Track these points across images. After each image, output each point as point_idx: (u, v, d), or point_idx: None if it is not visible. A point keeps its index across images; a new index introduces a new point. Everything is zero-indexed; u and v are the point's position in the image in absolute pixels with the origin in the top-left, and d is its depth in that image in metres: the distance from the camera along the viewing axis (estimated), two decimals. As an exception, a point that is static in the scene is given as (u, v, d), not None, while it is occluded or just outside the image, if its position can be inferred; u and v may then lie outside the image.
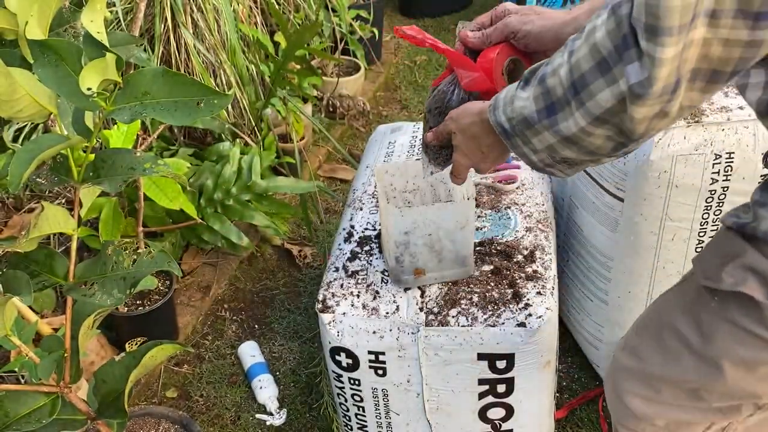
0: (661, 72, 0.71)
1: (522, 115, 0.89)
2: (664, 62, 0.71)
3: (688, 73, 0.73)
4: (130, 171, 0.97)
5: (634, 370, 1.02)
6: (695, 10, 0.68)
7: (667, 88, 0.73)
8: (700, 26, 0.70)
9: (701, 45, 0.71)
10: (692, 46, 0.71)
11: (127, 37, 1.15)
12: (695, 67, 0.73)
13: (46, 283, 1.03)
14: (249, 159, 2.36)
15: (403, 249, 1.46)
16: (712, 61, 0.72)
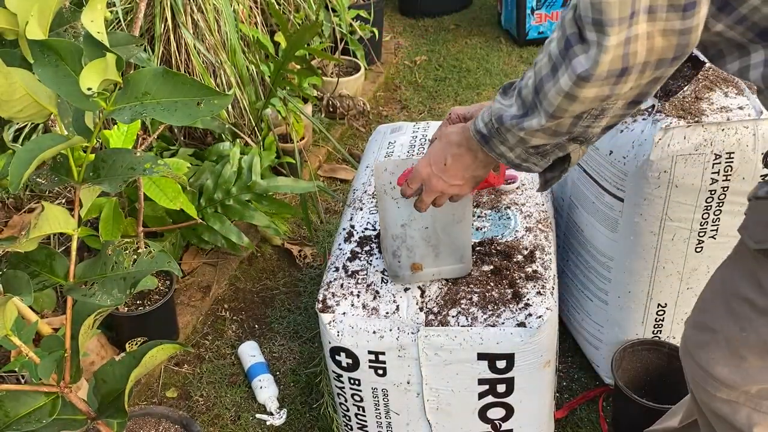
0: (605, 57, 0.85)
1: (498, 115, 1.04)
2: (608, 49, 0.84)
3: (639, 64, 0.86)
4: (130, 171, 0.97)
5: (712, 342, 1.05)
6: (633, 7, 0.81)
7: (612, 72, 0.86)
8: (642, 22, 0.83)
9: (646, 38, 0.84)
10: (638, 39, 0.84)
11: (128, 37, 1.15)
12: (645, 60, 0.86)
13: (47, 283, 1.03)
14: (249, 159, 2.36)
15: (400, 242, 1.46)
16: (656, 51, 0.85)
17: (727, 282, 1.05)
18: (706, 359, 1.06)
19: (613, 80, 0.88)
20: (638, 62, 0.86)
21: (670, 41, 0.84)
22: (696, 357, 1.06)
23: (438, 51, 4.10)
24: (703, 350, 1.06)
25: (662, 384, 1.91)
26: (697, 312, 1.08)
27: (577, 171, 1.86)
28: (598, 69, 0.86)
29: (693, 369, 1.07)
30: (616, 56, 0.85)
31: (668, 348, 1.87)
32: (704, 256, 1.74)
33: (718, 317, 1.04)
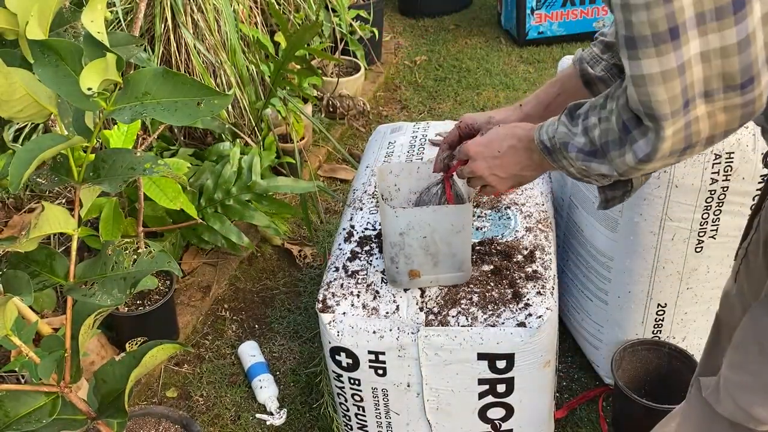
0: (665, 144, 0.87)
1: (564, 142, 1.04)
2: (666, 138, 0.86)
3: (703, 139, 0.88)
4: (130, 171, 0.97)
5: (749, 385, 1.06)
6: (686, 96, 0.83)
7: (675, 151, 0.89)
8: (700, 105, 0.84)
9: (707, 117, 0.85)
10: (699, 121, 0.85)
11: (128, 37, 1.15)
12: (709, 134, 0.87)
13: (47, 283, 1.03)
14: (249, 159, 2.36)
15: (398, 250, 1.45)
16: (720, 125, 0.86)
17: (759, 326, 1.05)
18: (745, 400, 1.06)
19: (677, 154, 0.90)
20: (702, 137, 0.88)
21: (733, 115, 0.85)
22: (736, 398, 1.07)
23: (438, 51, 4.10)
24: (742, 391, 1.06)
25: (662, 384, 1.91)
26: (733, 352, 1.08)
27: (577, 171, 1.86)
28: (659, 153, 0.89)
29: (733, 408, 1.08)
30: (677, 140, 0.87)
31: (668, 348, 1.87)
32: (704, 256, 1.74)
33: (753, 361, 1.05)
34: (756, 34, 0.80)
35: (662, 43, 0.80)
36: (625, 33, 0.83)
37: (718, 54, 0.81)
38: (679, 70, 0.81)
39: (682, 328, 1.89)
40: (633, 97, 0.86)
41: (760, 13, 0.80)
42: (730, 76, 0.82)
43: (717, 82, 0.83)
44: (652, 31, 0.80)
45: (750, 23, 0.79)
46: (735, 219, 1.67)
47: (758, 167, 1.59)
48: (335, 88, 3.34)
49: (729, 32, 0.79)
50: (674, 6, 0.78)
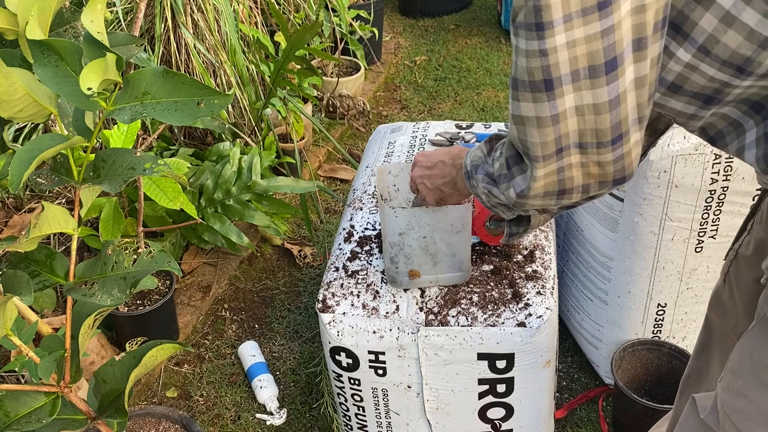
0: (536, 184, 0.93)
1: (475, 165, 1.12)
2: (538, 178, 0.92)
3: (578, 186, 0.93)
4: (130, 171, 0.97)
5: (748, 411, 1.06)
6: (560, 144, 0.87)
7: (549, 193, 0.94)
8: (574, 154, 0.89)
9: (581, 167, 0.90)
10: (572, 168, 0.90)
11: (128, 37, 1.15)
12: (583, 183, 0.92)
13: (47, 283, 1.03)
14: (249, 159, 2.36)
15: (398, 250, 1.45)
16: (593, 176, 0.91)
17: (755, 353, 1.05)
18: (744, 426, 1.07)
19: (554, 197, 0.96)
20: (576, 185, 0.93)
21: (605, 170, 0.90)
22: (736, 422, 1.07)
23: (438, 51, 4.10)
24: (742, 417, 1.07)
25: (662, 384, 1.91)
26: (731, 376, 1.09)
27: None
28: (532, 192, 0.95)
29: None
30: (550, 182, 0.93)
31: (668, 348, 1.87)
32: (704, 256, 1.74)
33: (751, 388, 1.05)
34: (626, 95, 0.84)
35: (537, 92, 0.84)
36: (512, 74, 0.87)
37: (591, 110, 0.84)
38: (553, 120, 0.85)
39: (682, 328, 1.89)
40: (513, 134, 0.91)
41: (633, 75, 0.83)
42: (601, 132, 0.86)
43: (590, 136, 0.86)
44: (529, 79, 0.83)
45: (621, 84, 0.82)
46: (735, 219, 1.67)
47: (758, 167, 1.59)
48: (335, 88, 3.34)
49: (600, 91, 0.83)
50: (550, 60, 0.81)
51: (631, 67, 0.83)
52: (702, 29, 0.84)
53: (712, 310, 1.27)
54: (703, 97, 0.92)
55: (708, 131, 0.99)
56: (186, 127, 2.60)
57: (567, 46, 0.80)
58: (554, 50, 0.80)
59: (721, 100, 0.91)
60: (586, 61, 0.81)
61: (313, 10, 2.97)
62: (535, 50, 0.81)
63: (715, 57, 0.85)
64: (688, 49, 0.87)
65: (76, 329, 1.04)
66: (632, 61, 0.82)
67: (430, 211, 1.39)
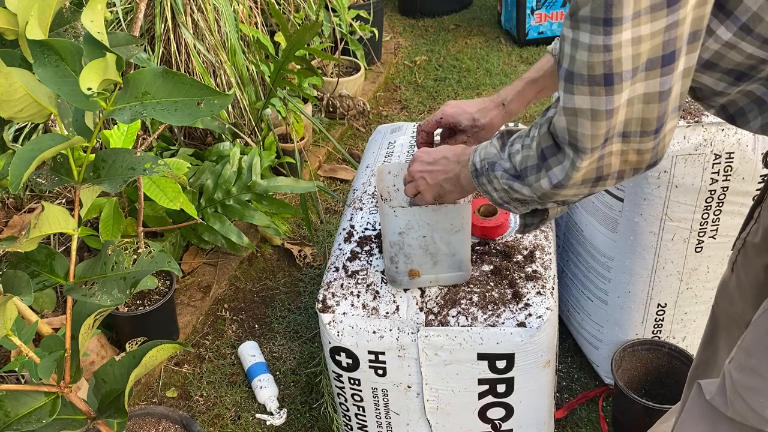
0: (578, 174, 0.94)
1: (492, 162, 1.10)
2: (581, 168, 0.93)
3: (614, 173, 0.94)
4: (130, 171, 0.97)
5: (761, 389, 1.06)
6: (607, 135, 0.88)
7: (587, 181, 0.95)
8: (616, 143, 0.89)
9: (620, 154, 0.91)
10: (612, 156, 0.91)
11: (128, 37, 1.15)
12: (619, 170, 0.94)
13: (47, 283, 1.03)
14: (249, 159, 2.36)
15: (398, 249, 1.45)
16: (630, 163, 0.93)
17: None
18: (757, 403, 1.07)
19: (590, 184, 0.97)
20: (612, 171, 0.94)
21: (643, 157, 0.92)
22: (748, 400, 1.07)
23: (438, 51, 4.10)
24: (754, 394, 1.07)
25: (662, 384, 1.91)
26: (744, 355, 1.09)
27: (577, 171, 1.87)
28: (572, 181, 0.96)
29: (745, 411, 1.08)
30: (590, 170, 0.93)
31: (668, 348, 1.87)
32: (704, 256, 1.74)
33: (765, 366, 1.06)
34: (674, 87, 0.85)
35: (596, 86, 0.84)
36: (566, 66, 0.86)
37: (641, 100, 0.85)
38: (608, 114, 0.85)
39: (682, 328, 1.89)
40: (561, 125, 0.91)
41: (683, 66, 0.84)
42: (647, 121, 0.87)
43: (635, 125, 0.87)
44: (589, 73, 0.83)
45: (674, 77, 0.84)
46: (735, 219, 1.67)
47: (758, 167, 1.59)
48: (335, 88, 3.34)
49: (653, 83, 0.84)
50: (613, 56, 0.81)
51: (683, 59, 0.83)
52: (747, 7, 0.84)
53: (719, 300, 1.27)
54: (736, 73, 0.92)
55: (728, 108, 0.99)
56: (186, 127, 2.60)
57: (632, 42, 0.80)
58: (619, 46, 0.80)
59: (753, 77, 0.91)
60: (647, 56, 0.81)
61: (313, 10, 2.97)
62: (600, 45, 0.81)
63: (756, 35, 0.86)
64: (730, 28, 0.87)
65: (76, 329, 1.04)
66: (686, 53, 0.83)
67: (429, 210, 1.39)
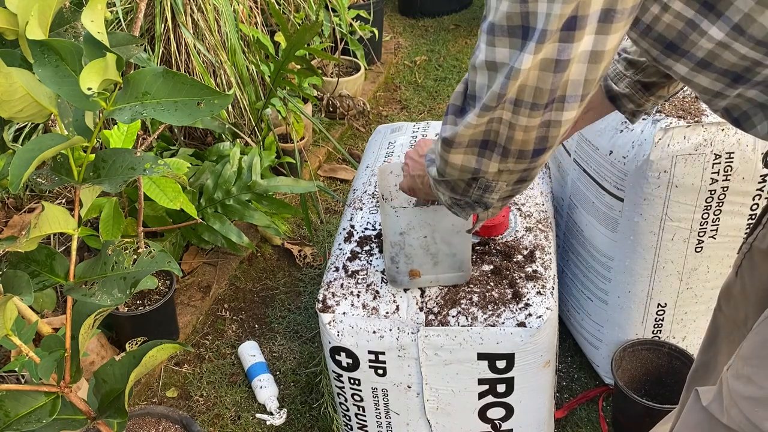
0: (466, 131, 0.94)
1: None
2: (471, 126, 0.93)
3: (499, 146, 0.95)
4: (130, 171, 0.97)
5: (757, 398, 1.06)
6: (503, 99, 0.88)
7: (473, 142, 0.96)
8: (507, 110, 0.89)
9: (508, 126, 0.91)
10: (501, 123, 0.91)
11: (128, 37, 1.15)
12: (504, 145, 0.94)
13: (47, 283, 1.03)
14: (249, 159, 2.36)
15: (399, 249, 1.45)
16: (517, 142, 0.92)
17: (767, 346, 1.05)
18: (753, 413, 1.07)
19: (476, 151, 0.97)
20: (499, 142, 0.94)
21: (529, 135, 0.91)
22: (743, 409, 1.07)
23: (438, 51, 4.10)
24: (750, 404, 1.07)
25: (662, 384, 1.91)
26: (741, 364, 1.09)
27: (577, 171, 1.87)
28: (458, 138, 0.96)
29: (740, 419, 1.08)
30: (477, 131, 0.94)
31: (668, 348, 1.87)
32: (704, 256, 1.74)
33: (763, 376, 1.05)
34: (573, 65, 0.84)
35: (514, 37, 0.84)
36: (490, 18, 0.86)
37: (538, 66, 0.84)
38: (512, 73, 0.85)
39: (682, 328, 1.89)
40: (472, 79, 0.91)
41: (589, 47, 0.83)
42: (540, 92, 0.86)
43: (528, 94, 0.87)
44: (508, 23, 0.84)
45: (574, 49, 0.83)
46: (735, 219, 1.67)
47: (758, 167, 1.59)
48: (335, 88, 3.34)
49: (552, 47, 0.83)
50: (529, 8, 0.81)
51: (588, 37, 0.83)
52: (737, 8, 0.84)
53: (722, 304, 1.27)
54: (732, 75, 0.91)
55: (732, 112, 0.98)
56: (186, 127, 2.60)
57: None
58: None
59: (750, 80, 0.90)
60: (557, 22, 0.81)
61: (313, 10, 2.97)
62: None
63: (749, 37, 0.85)
64: (722, 28, 0.86)
65: (76, 329, 1.04)
66: (593, 32, 0.82)
67: (431, 210, 1.39)
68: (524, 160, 0.96)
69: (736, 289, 1.22)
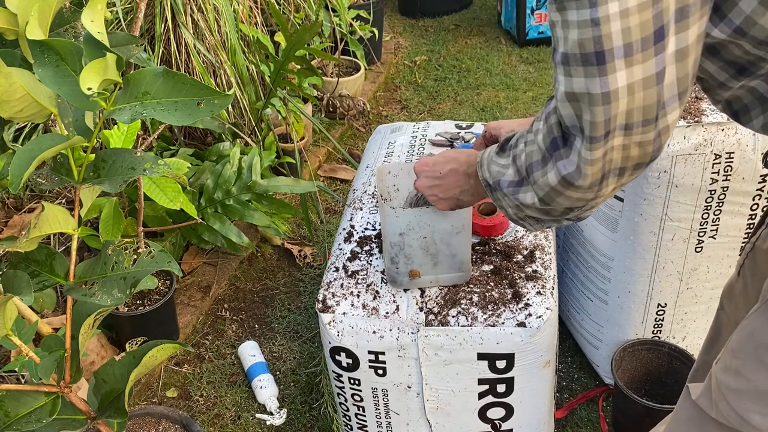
0: (592, 168, 0.90)
1: (497, 180, 1.08)
2: (592, 162, 0.90)
3: (615, 169, 0.91)
4: (130, 171, 0.97)
5: (745, 391, 1.06)
6: (608, 127, 0.86)
7: (594, 183, 0.93)
8: (618, 136, 0.87)
9: (621, 149, 0.89)
10: (614, 150, 0.89)
11: (128, 37, 1.15)
12: (621, 166, 0.91)
13: (47, 283, 1.03)
14: (249, 159, 2.36)
15: (398, 250, 1.45)
16: (633, 158, 0.90)
17: (758, 333, 1.05)
18: (740, 406, 1.07)
19: (596, 188, 0.94)
20: (614, 168, 0.91)
21: (645, 150, 0.90)
22: (731, 402, 1.08)
23: (438, 51, 4.10)
24: (738, 396, 1.07)
25: (662, 384, 1.91)
26: (729, 357, 1.09)
27: (577, 171, 1.87)
28: (584, 173, 0.92)
29: (728, 412, 1.08)
30: (597, 168, 0.91)
31: (668, 348, 1.87)
32: (704, 256, 1.74)
33: (751, 368, 1.06)
34: (668, 69, 0.83)
35: (589, 65, 0.83)
36: (561, 49, 0.85)
37: (641, 86, 0.83)
38: (604, 99, 0.84)
39: (682, 328, 1.89)
40: (567, 112, 0.89)
41: (674, 47, 0.82)
42: (648, 109, 0.85)
43: (638, 115, 0.85)
44: (581, 51, 0.82)
45: (666, 57, 0.82)
46: (735, 219, 1.67)
47: (758, 167, 1.59)
48: (335, 88, 3.34)
49: (650, 64, 0.82)
50: (602, 30, 0.80)
51: (672, 38, 0.82)
52: (740, 10, 0.85)
53: (724, 304, 1.27)
54: (737, 66, 0.92)
55: (733, 104, 0.99)
56: (186, 127, 2.60)
57: (620, 16, 0.79)
58: (607, 19, 0.79)
59: (754, 73, 0.92)
60: (639, 33, 0.80)
61: (313, 10, 2.97)
62: (587, 20, 0.80)
63: (751, 38, 0.87)
64: (724, 30, 0.87)
65: (76, 329, 1.04)
66: (674, 32, 0.82)
67: (430, 211, 1.39)
68: (640, 170, 0.94)
69: (738, 288, 1.22)
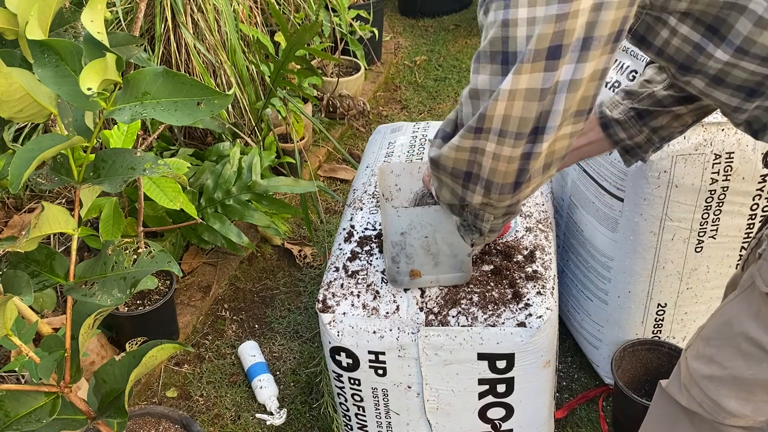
0: (451, 153, 0.97)
1: None
2: (453, 147, 0.96)
3: (483, 179, 0.97)
4: (130, 171, 0.97)
5: (719, 377, 1.07)
6: (485, 123, 0.90)
7: (456, 171, 0.99)
8: (491, 141, 0.91)
9: (491, 157, 0.93)
10: (485, 155, 0.93)
11: (128, 37, 1.15)
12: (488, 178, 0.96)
13: (47, 283, 1.03)
14: (249, 159, 2.36)
15: (399, 249, 1.45)
16: (500, 174, 0.95)
17: (735, 322, 1.06)
18: (715, 392, 1.08)
19: (461, 182, 1.00)
20: (482, 175, 0.96)
21: (509, 167, 0.93)
22: (705, 389, 1.08)
23: (438, 51, 4.10)
24: (712, 383, 1.08)
25: (662, 384, 1.91)
26: (702, 345, 1.10)
27: (577, 171, 1.87)
28: (442, 159, 0.99)
29: (702, 398, 1.09)
30: (461, 159, 0.96)
31: (668, 348, 1.87)
32: (704, 256, 1.74)
33: (726, 356, 1.07)
34: (557, 95, 0.86)
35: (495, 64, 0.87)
36: (480, 48, 0.88)
37: (523, 95, 0.86)
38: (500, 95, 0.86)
39: (682, 328, 1.89)
40: (463, 110, 0.94)
41: (568, 76, 0.85)
42: (524, 121, 0.87)
43: (513, 125, 0.88)
44: (491, 49, 0.86)
45: (555, 77, 0.84)
46: (735, 219, 1.67)
47: (758, 167, 1.59)
48: (335, 88, 3.34)
49: (537, 76, 0.84)
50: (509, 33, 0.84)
51: (568, 66, 0.84)
52: (738, 32, 0.87)
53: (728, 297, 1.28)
54: (746, 90, 0.94)
55: (753, 125, 1.00)
56: (186, 127, 2.60)
57: (527, 23, 0.82)
58: (515, 23, 0.82)
59: (764, 93, 0.93)
60: (537, 43, 0.82)
61: (313, 10, 2.97)
62: (500, 20, 0.83)
63: (753, 55, 0.88)
64: (726, 51, 0.89)
65: (76, 329, 1.04)
66: (572, 60, 0.83)
67: (432, 211, 1.39)
68: (506, 195, 0.98)
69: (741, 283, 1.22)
